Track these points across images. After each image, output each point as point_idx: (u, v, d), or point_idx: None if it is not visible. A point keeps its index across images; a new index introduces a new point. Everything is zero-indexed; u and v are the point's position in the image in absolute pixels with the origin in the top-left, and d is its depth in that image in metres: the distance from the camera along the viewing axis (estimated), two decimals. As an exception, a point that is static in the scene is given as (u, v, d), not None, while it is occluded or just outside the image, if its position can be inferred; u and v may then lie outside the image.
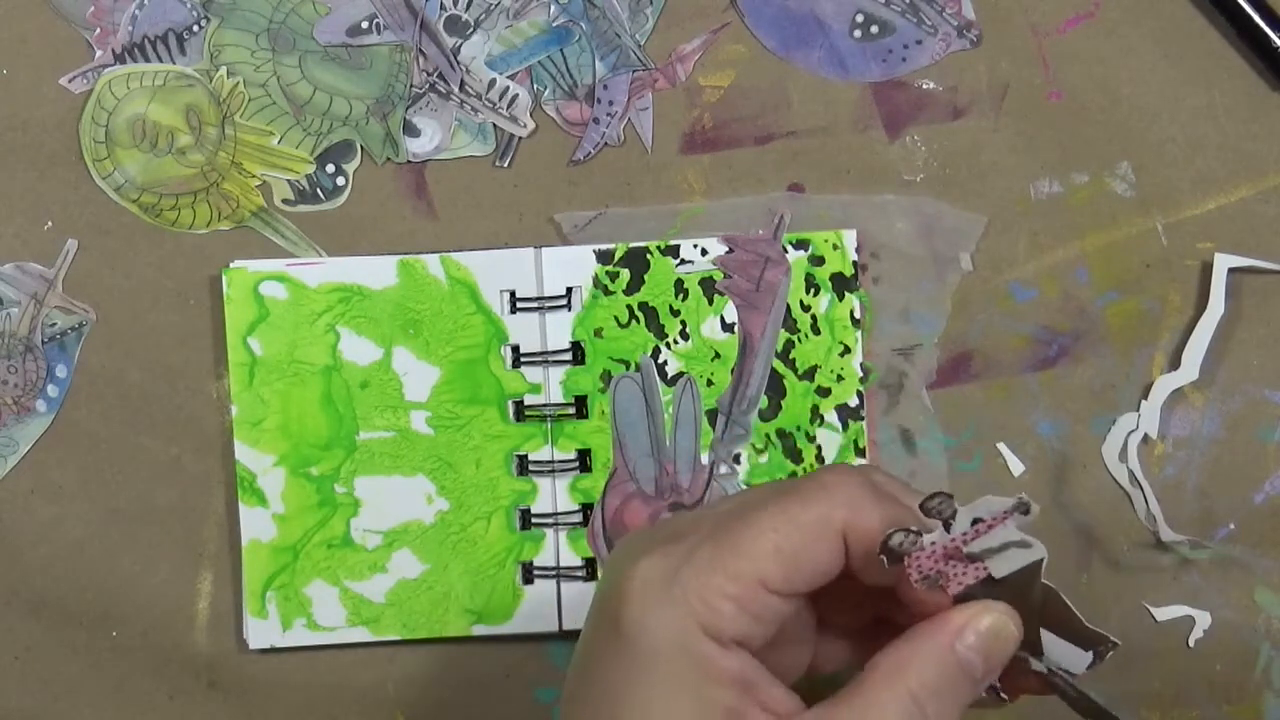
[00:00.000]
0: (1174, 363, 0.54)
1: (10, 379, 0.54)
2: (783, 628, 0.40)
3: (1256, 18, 0.53)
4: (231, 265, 0.54)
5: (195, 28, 0.54)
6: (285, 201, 0.55)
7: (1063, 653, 0.39)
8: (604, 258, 0.54)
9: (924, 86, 0.54)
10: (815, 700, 0.38)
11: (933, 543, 0.38)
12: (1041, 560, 0.38)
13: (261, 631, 0.54)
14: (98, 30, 0.54)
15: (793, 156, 0.54)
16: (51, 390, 0.55)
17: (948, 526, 0.38)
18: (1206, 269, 0.53)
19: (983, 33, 0.54)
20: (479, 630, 0.54)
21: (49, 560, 0.55)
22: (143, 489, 0.55)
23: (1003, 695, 0.40)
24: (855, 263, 0.54)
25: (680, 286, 0.54)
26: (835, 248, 0.54)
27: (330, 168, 0.54)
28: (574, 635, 0.53)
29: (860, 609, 0.42)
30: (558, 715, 0.54)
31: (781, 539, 0.38)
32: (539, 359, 0.54)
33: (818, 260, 0.54)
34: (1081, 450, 0.54)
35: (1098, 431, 0.54)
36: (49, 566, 0.55)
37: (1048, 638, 0.39)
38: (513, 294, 0.54)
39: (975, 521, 0.38)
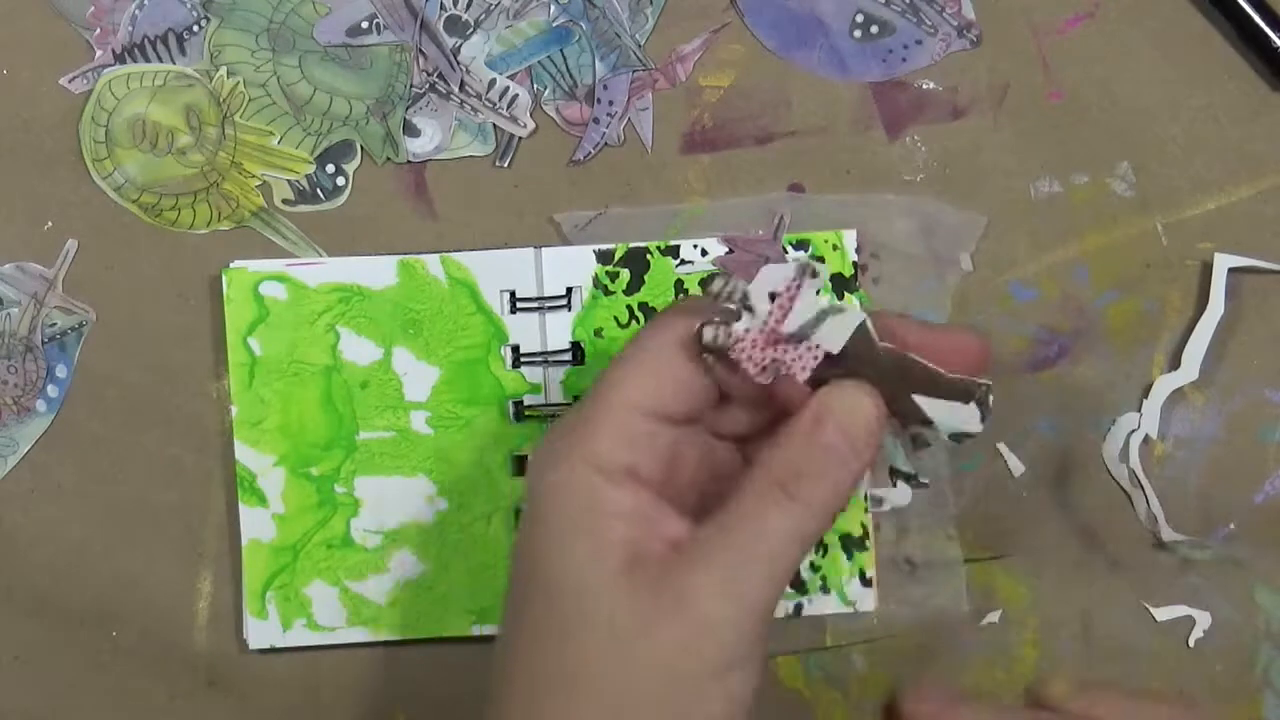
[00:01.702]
0: (1174, 363, 0.54)
1: (10, 379, 0.54)
2: (713, 485, 0.41)
3: (1256, 18, 0.53)
4: (231, 265, 0.54)
5: (195, 28, 0.54)
6: (285, 201, 0.55)
7: (950, 416, 0.39)
8: (604, 258, 0.54)
9: (924, 86, 0.54)
10: None
11: (746, 329, 0.39)
12: (864, 321, 0.38)
13: (262, 632, 0.54)
14: (98, 30, 0.54)
15: (793, 156, 0.54)
16: (51, 390, 0.55)
17: (749, 308, 0.39)
18: (1206, 269, 0.53)
19: (983, 33, 0.54)
20: (479, 630, 0.54)
21: (49, 560, 0.55)
22: (143, 489, 0.55)
23: (923, 482, 0.41)
24: (855, 263, 0.54)
25: (680, 287, 0.54)
26: (835, 248, 0.54)
27: (330, 168, 0.54)
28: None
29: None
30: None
31: (637, 362, 0.40)
32: (539, 359, 0.54)
33: (818, 260, 0.54)
34: (1081, 450, 0.54)
35: (1098, 431, 0.54)
36: (49, 566, 0.55)
37: (928, 404, 0.39)
38: (513, 294, 0.54)
39: (774, 298, 0.39)
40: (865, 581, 0.53)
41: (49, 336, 0.54)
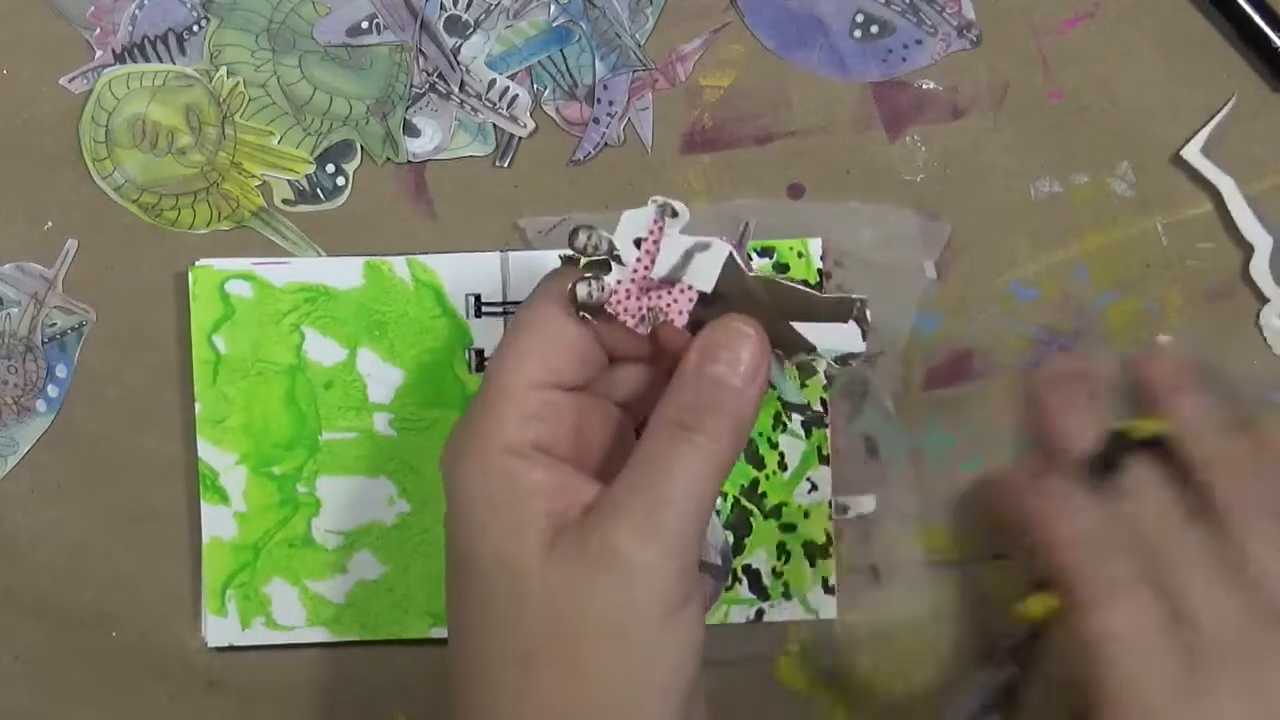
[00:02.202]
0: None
1: (10, 379, 0.54)
2: (611, 437, 0.42)
3: (1256, 18, 0.53)
4: (197, 263, 0.54)
5: (195, 28, 0.54)
6: (285, 201, 0.55)
7: (832, 339, 0.39)
8: (569, 263, 0.53)
9: (924, 86, 0.54)
10: None
11: (618, 281, 0.39)
12: (730, 253, 0.38)
13: (220, 629, 0.54)
14: (98, 30, 0.54)
15: (793, 156, 0.54)
16: (51, 390, 0.55)
17: (617, 258, 0.39)
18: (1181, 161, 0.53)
19: (983, 33, 0.54)
20: (437, 633, 0.54)
21: (49, 560, 0.55)
22: (143, 489, 0.55)
23: (815, 410, 0.41)
24: (820, 270, 0.54)
25: None
26: (800, 255, 0.53)
27: (330, 168, 0.54)
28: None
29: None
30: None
31: (523, 340, 0.40)
32: None
33: (782, 268, 0.53)
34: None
35: (1098, 431, 0.54)
36: (49, 566, 0.55)
37: (808, 329, 0.39)
38: (478, 298, 0.54)
39: (639, 243, 0.39)
40: (827, 589, 0.53)
41: (49, 336, 0.54)
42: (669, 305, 0.39)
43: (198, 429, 0.54)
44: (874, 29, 0.54)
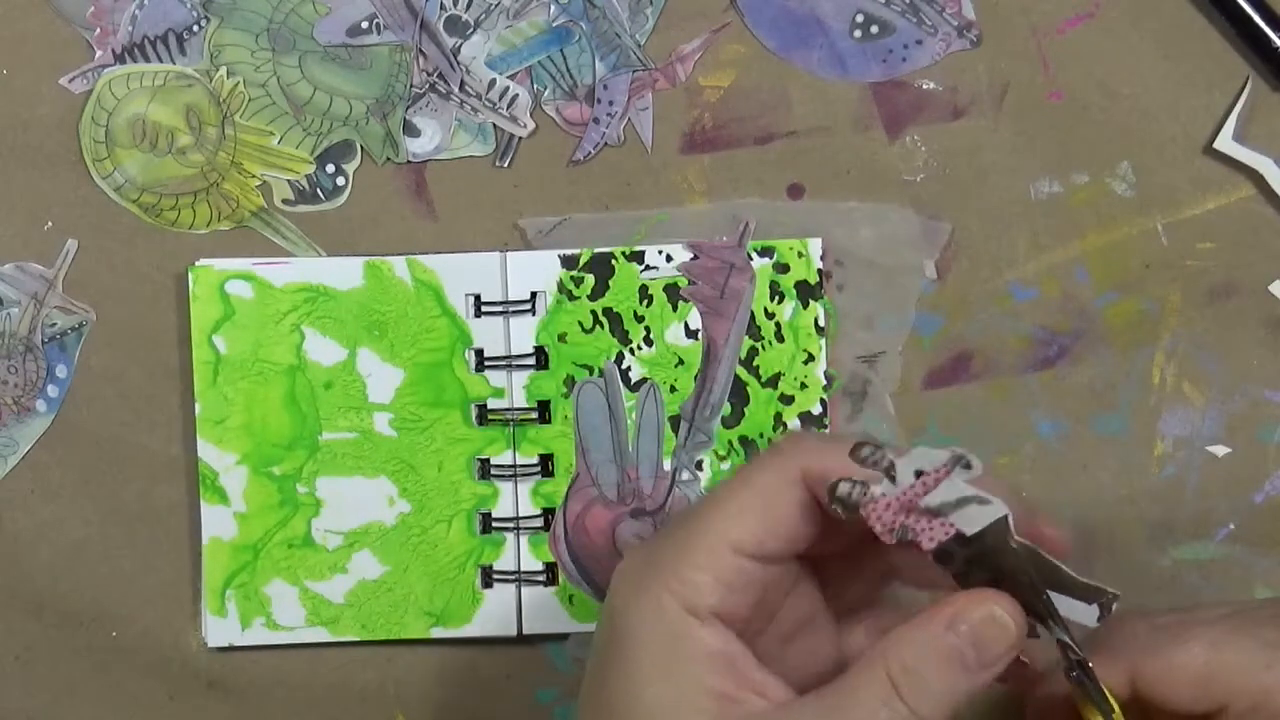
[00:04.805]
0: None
1: (10, 379, 0.54)
2: (790, 612, 0.40)
3: (1256, 18, 0.53)
4: (197, 264, 0.54)
5: (195, 28, 0.54)
6: (285, 201, 0.55)
7: (1068, 610, 0.39)
8: (569, 263, 0.54)
9: (924, 86, 0.54)
10: None
11: (882, 494, 0.38)
12: (1005, 517, 0.38)
13: (220, 630, 0.54)
14: (98, 30, 0.54)
15: (793, 156, 0.54)
16: (51, 390, 0.55)
17: (892, 478, 0.38)
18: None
19: (983, 33, 0.54)
20: (438, 633, 0.54)
21: (49, 560, 0.55)
22: (143, 489, 0.55)
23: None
24: (820, 270, 0.54)
25: (645, 292, 0.54)
26: (800, 255, 0.53)
27: (330, 168, 0.54)
28: (534, 639, 0.54)
29: (871, 586, 0.42)
30: (560, 716, 0.54)
31: (743, 500, 0.39)
32: (502, 363, 0.54)
33: (782, 268, 0.54)
34: (1081, 450, 0.54)
35: (1098, 431, 0.54)
36: (49, 566, 0.55)
37: (1054, 598, 0.39)
38: (478, 297, 0.54)
39: (919, 474, 0.38)
40: None
41: (49, 336, 0.54)
42: (923, 530, 0.38)
43: (198, 429, 0.54)
44: (874, 29, 0.54)
